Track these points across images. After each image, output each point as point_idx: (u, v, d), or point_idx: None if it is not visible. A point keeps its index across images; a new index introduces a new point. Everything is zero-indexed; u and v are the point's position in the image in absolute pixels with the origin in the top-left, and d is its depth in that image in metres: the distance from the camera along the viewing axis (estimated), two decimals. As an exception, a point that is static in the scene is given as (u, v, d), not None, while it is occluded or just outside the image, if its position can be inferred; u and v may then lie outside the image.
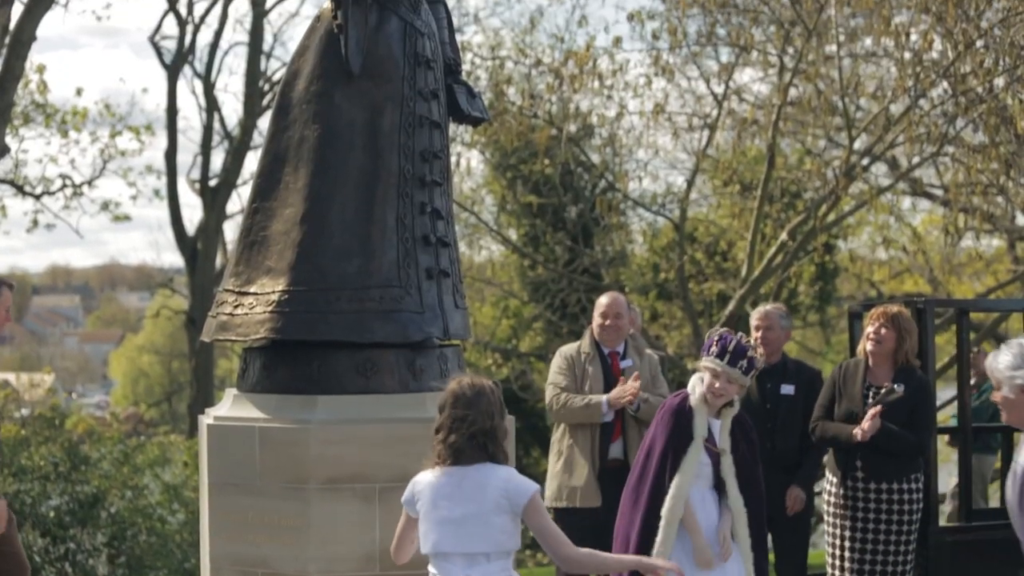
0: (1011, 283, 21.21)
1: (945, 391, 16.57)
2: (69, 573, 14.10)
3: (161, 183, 30.41)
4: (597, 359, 9.27)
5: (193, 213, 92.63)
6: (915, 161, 17.26)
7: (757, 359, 7.48)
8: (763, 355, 9.38)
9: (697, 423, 7.46)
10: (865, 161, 16.89)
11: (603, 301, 9.40)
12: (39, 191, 25.76)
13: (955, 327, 11.27)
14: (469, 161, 19.79)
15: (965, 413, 10.41)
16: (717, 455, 7.48)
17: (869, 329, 8.78)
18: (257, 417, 7.40)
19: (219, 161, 31.72)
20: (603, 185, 21.91)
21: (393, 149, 7.53)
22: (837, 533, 8.76)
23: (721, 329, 7.63)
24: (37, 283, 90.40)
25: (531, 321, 23.93)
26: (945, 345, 18.43)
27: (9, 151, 21.97)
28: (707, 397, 7.46)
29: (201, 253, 30.04)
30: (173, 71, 30.79)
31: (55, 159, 25.93)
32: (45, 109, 24.77)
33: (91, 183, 26.63)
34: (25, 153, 33.96)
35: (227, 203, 30.58)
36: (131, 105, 40.24)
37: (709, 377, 7.44)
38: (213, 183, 30.47)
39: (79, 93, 26.05)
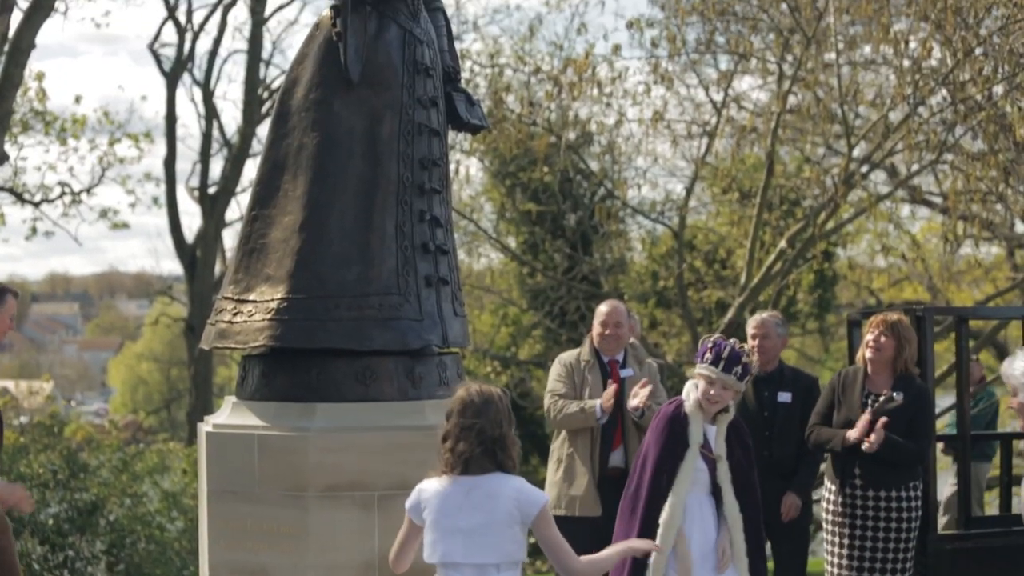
0: (1010, 291, 21.18)
1: (942, 399, 16.55)
2: (68, 581, 14.11)
3: (160, 191, 30.44)
4: (597, 367, 9.25)
5: (192, 221, 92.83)
6: (914, 169, 17.25)
7: (751, 365, 7.48)
8: (758, 361, 9.44)
9: (692, 430, 7.46)
10: (864, 169, 16.87)
11: (603, 310, 9.35)
12: (38, 199, 25.75)
13: (954, 335, 11.25)
14: (468, 169, 19.81)
15: (964, 421, 10.41)
16: (713, 461, 7.48)
17: (868, 337, 8.75)
18: (256, 425, 7.39)
19: (218, 169, 31.77)
20: (602, 193, 21.92)
21: (392, 157, 7.53)
22: (836, 541, 8.75)
23: (715, 336, 7.62)
24: (36, 291, 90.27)
25: (530, 329, 23.91)
26: (944, 353, 18.42)
27: (8, 158, 21.98)
28: (702, 404, 7.46)
29: (200, 261, 30.01)
30: (172, 79, 30.80)
31: (54, 167, 25.92)
32: (44, 116, 24.78)
33: (90, 191, 26.65)
34: (24, 160, 33.83)
35: (226, 211, 30.57)
36: (130, 113, 40.51)
37: (704, 384, 7.44)
38: (212, 191, 30.45)
39: (78, 101, 26.17)
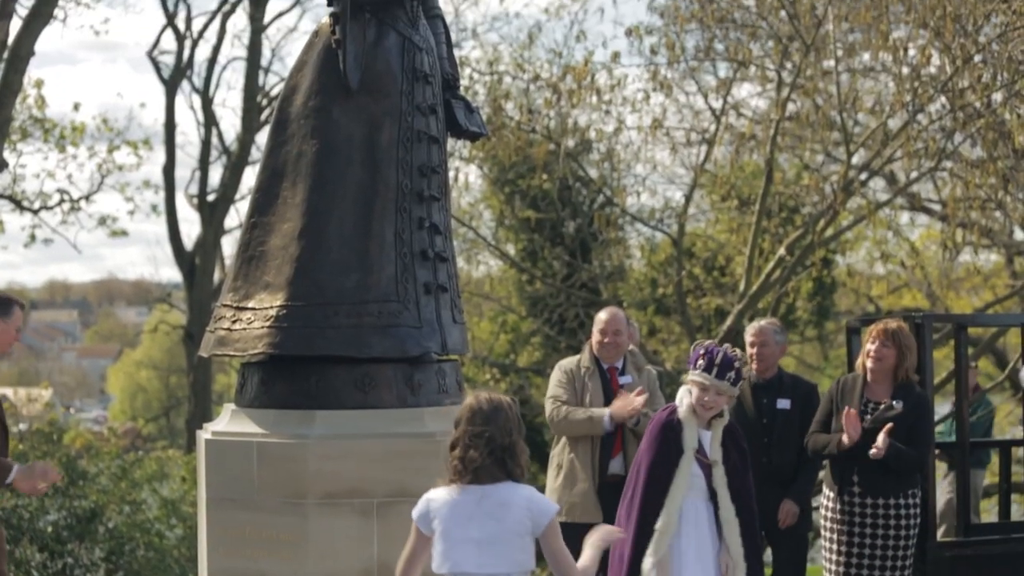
0: (1009, 298, 21.20)
1: (938, 407, 16.53)
2: (67, 588, 14.10)
3: (159, 198, 30.38)
4: (597, 374, 9.24)
5: (191, 228, 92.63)
6: (913, 176, 17.26)
7: (744, 369, 7.48)
8: (756, 369, 9.44)
9: (686, 436, 7.46)
10: (863, 176, 16.87)
11: (602, 317, 9.34)
12: (37, 206, 25.75)
13: (953, 342, 11.26)
14: (467, 176, 19.78)
15: (963, 428, 10.42)
16: (709, 466, 7.48)
17: (869, 347, 8.71)
18: (255, 432, 7.39)
19: (217, 176, 31.71)
20: (601, 200, 21.88)
21: (391, 164, 7.53)
22: (834, 548, 8.74)
23: (706, 342, 7.61)
24: (35, 298, 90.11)
25: (529, 336, 23.87)
26: (943, 360, 18.42)
27: (7, 166, 21.99)
28: (696, 410, 7.45)
29: (199, 268, 29.99)
30: (171, 86, 30.78)
31: (53, 174, 25.92)
32: (43, 124, 24.78)
33: (89, 198, 26.63)
34: (23, 168, 33.88)
35: (225, 218, 30.55)
36: (129, 120, 40.45)
37: (698, 391, 7.43)
38: (211, 198, 30.42)
39: (76, 108, 25.98)
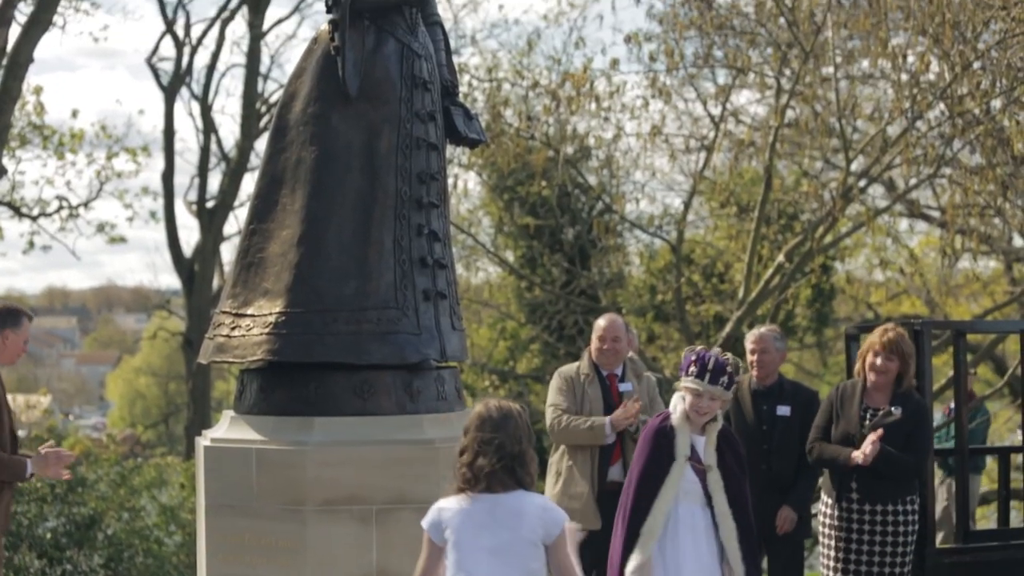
0: (1008, 304, 21.19)
1: (938, 413, 16.53)
2: (65, 595, 14.08)
3: (158, 205, 30.46)
4: (596, 381, 9.23)
5: (190, 235, 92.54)
6: (912, 183, 17.26)
7: (736, 372, 7.47)
8: (757, 376, 9.43)
9: (679, 442, 7.45)
10: (862, 183, 16.87)
11: (601, 324, 9.32)
12: (36, 212, 25.78)
13: (952, 349, 11.25)
14: (466, 183, 19.83)
15: (962, 435, 10.42)
16: (703, 472, 7.47)
17: (873, 360, 8.63)
18: (254, 439, 7.38)
19: (216, 183, 31.78)
20: (600, 207, 21.91)
21: (390, 171, 7.53)
22: (832, 555, 8.73)
23: (697, 348, 7.60)
24: (34, 305, 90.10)
25: (528, 343, 23.87)
26: (942, 367, 18.42)
27: (6, 172, 22.00)
28: (690, 416, 7.44)
29: (198, 275, 30.00)
30: (170, 93, 30.82)
31: (51, 181, 25.97)
32: (42, 131, 24.82)
33: (87, 205, 26.69)
34: (22, 175, 33.99)
35: (224, 225, 30.58)
36: (128, 127, 40.60)
37: (691, 398, 7.43)
38: (210, 205, 30.45)
39: (75, 115, 26.10)
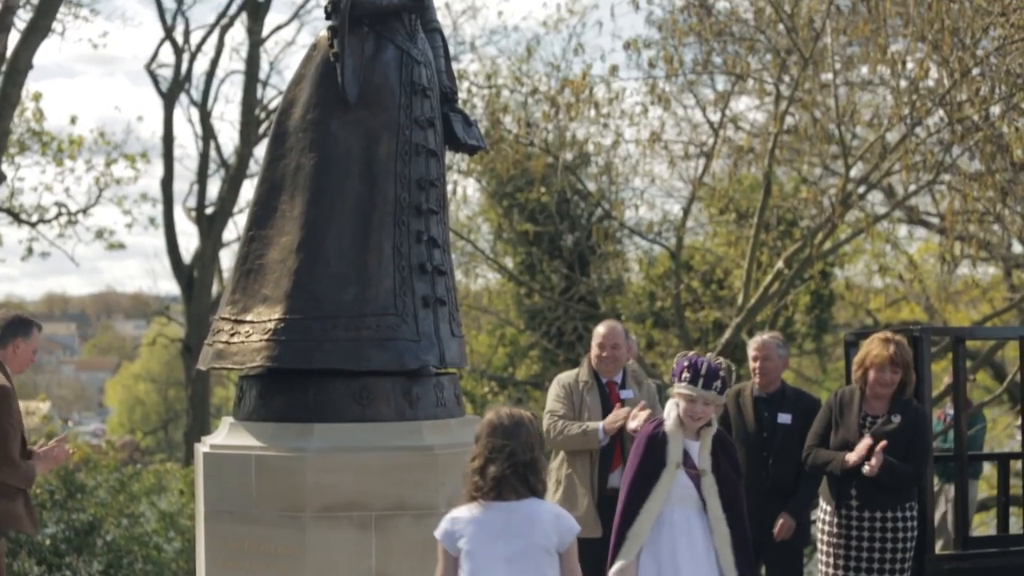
0: (1007, 311, 21.19)
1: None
2: (64, 602, 14.07)
3: (157, 211, 30.38)
4: (595, 388, 9.22)
5: (189, 241, 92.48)
6: (911, 189, 17.25)
7: (729, 377, 7.47)
8: (758, 382, 9.42)
9: (671, 448, 7.44)
10: (861, 189, 16.88)
11: (600, 331, 9.29)
12: (34, 219, 25.73)
13: (951, 355, 11.25)
14: (465, 189, 19.82)
15: (961, 442, 10.41)
16: (698, 477, 7.46)
17: (880, 375, 8.58)
18: (253, 445, 7.37)
19: (215, 189, 31.69)
20: (599, 213, 21.90)
21: (389, 177, 7.53)
22: (831, 562, 8.72)
23: (689, 353, 7.60)
24: (33, 311, 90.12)
25: (527, 349, 23.87)
26: (940, 373, 18.41)
27: (5, 179, 21.98)
28: (684, 421, 7.44)
29: (197, 281, 29.98)
30: (169, 99, 30.81)
31: (50, 187, 25.90)
32: (41, 137, 24.78)
33: (86, 211, 26.61)
34: (21, 181, 33.90)
35: (223, 231, 30.54)
36: (127, 133, 40.45)
37: (685, 403, 7.42)
38: (209, 211, 30.42)
39: (74, 121, 26.00)
